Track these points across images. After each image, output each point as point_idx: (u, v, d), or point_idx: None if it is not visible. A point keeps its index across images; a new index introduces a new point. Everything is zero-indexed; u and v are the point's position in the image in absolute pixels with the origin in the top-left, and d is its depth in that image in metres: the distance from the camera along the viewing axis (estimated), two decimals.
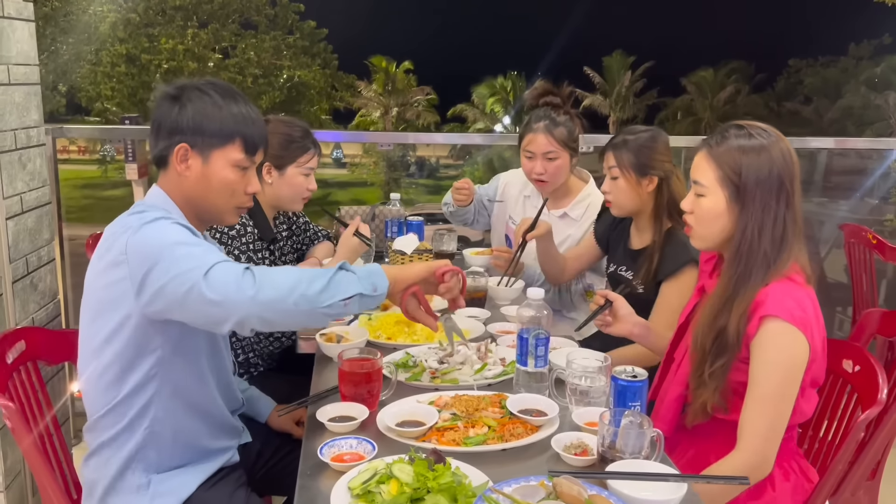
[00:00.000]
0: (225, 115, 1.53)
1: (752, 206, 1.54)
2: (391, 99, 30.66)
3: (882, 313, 2.20)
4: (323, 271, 1.41)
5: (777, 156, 1.54)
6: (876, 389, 1.68)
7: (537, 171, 2.59)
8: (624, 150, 2.19)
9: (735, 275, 1.57)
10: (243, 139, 1.55)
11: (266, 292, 1.36)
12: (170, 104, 1.53)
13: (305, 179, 2.29)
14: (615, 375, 1.47)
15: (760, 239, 1.54)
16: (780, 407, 1.51)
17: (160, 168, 1.57)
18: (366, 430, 1.50)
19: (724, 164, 1.56)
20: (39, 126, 2.39)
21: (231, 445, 1.71)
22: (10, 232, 2.19)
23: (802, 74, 31.05)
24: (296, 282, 1.38)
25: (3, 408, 1.56)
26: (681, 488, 1.25)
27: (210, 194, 1.56)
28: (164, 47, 24.47)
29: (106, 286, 1.47)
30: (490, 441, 1.45)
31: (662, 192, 2.19)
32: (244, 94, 1.60)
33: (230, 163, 1.54)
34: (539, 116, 2.60)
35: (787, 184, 1.54)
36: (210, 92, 1.54)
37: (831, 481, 1.63)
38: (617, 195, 2.22)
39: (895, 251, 3.12)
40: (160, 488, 1.55)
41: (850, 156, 7.95)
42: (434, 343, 1.93)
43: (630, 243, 2.34)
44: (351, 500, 1.25)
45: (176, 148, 1.52)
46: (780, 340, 1.49)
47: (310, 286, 1.37)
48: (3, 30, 2.15)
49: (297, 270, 1.43)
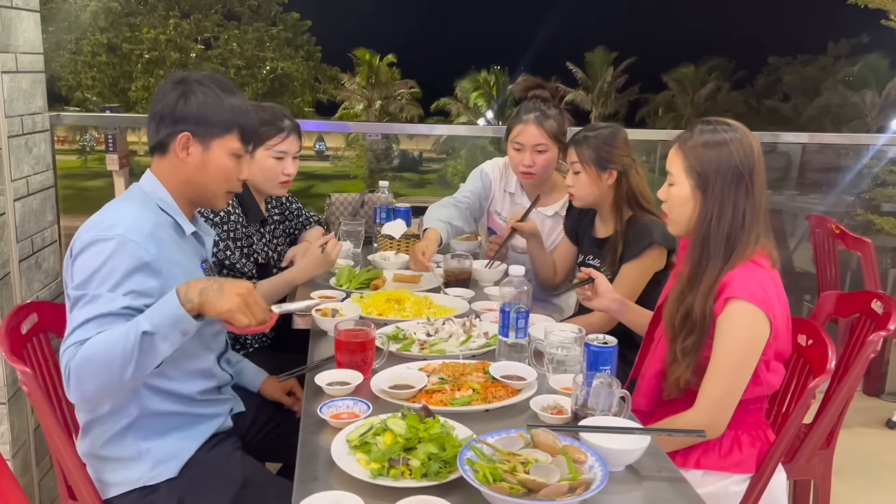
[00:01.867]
0: (225, 107, 1.66)
1: (712, 195, 1.69)
2: (374, 92, 30.68)
3: (838, 295, 2.37)
4: (127, 344, 1.41)
5: (738, 149, 1.68)
6: (825, 360, 1.84)
7: (525, 164, 2.61)
8: (585, 146, 2.34)
9: (696, 257, 1.72)
10: (241, 129, 1.69)
11: (88, 391, 1.46)
12: (173, 95, 1.65)
13: (277, 163, 2.31)
14: (588, 342, 1.62)
15: (720, 224, 1.68)
16: (735, 378, 1.66)
17: (158, 154, 1.69)
18: (360, 393, 1.63)
19: (689, 157, 1.72)
20: (44, 112, 2.49)
21: (221, 412, 1.81)
22: (18, 213, 2.29)
23: (782, 72, 31.48)
24: (107, 374, 1.43)
25: (20, 373, 1.67)
26: (644, 440, 1.40)
27: (207, 180, 1.69)
28: (146, 37, 24.27)
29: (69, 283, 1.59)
30: (474, 402, 1.59)
31: (622, 185, 2.35)
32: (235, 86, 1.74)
33: (228, 151, 1.68)
34: (530, 108, 2.63)
35: (745, 175, 1.68)
36: (211, 85, 1.67)
37: (784, 443, 1.78)
38: (579, 188, 2.37)
39: (857, 240, 3.30)
40: (159, 454, 1.65)
41: (827, 152, 8.15)
42: (422, 318, 2.07)
43: (595, 232, 2.49)
44: (349, 450, 1.38)
45: (179, 136, 1.64)
46: (741, 319, 1.64)
47: (121, 373, 1.42)
48: (10, 20, 2.25)
49: (105, 353, 1.43)
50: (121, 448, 1.65)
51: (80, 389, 1.46)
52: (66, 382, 1.46)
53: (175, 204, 1.69)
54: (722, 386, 1.65)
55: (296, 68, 26.09)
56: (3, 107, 2.20)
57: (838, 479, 2.27)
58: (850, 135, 9.03)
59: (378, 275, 2.40)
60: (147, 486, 1.63)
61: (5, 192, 2.22)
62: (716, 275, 1.68)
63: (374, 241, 2.94)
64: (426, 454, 1.31)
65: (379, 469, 1.31)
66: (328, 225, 3.18)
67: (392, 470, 1.31)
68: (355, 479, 1.31)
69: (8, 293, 2.23)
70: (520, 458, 1.29)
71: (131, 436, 1.64)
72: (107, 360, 1.43)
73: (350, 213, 3.22)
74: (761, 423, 1.80)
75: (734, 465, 1.71)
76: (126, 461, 1.65)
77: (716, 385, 1.65)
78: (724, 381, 1.65)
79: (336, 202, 3.24)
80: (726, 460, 1.71)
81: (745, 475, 1.73)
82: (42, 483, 2.46)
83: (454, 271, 2.46)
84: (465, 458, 1.29)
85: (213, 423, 1.77)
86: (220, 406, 1.81)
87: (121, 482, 1.64)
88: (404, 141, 26.00)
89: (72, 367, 1.45)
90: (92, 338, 1.45)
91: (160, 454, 1.66)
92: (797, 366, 2.02)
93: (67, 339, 1.48)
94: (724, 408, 1.67)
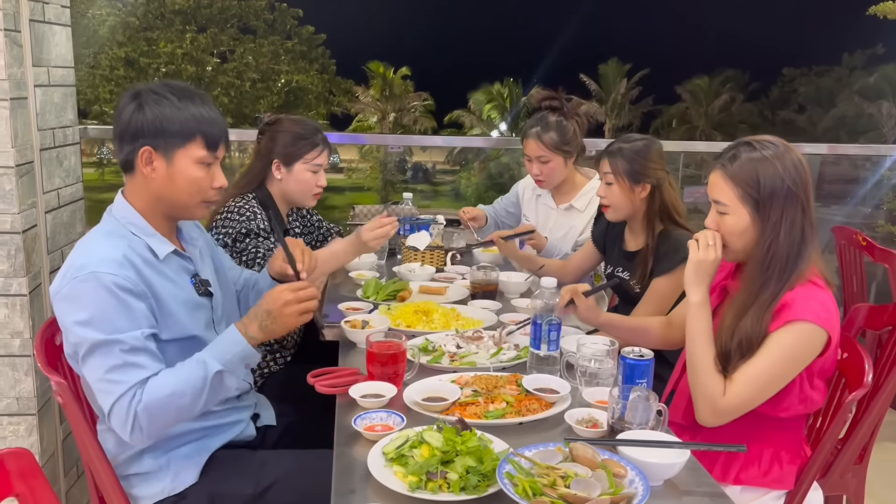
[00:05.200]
0: (184, 116, 1.58)
1: (770, 219, 1.63)
2: (388, 104, 30.80)
3: (869, 308, 2.34)
4: (197, 383, 1.51)
5: (787, 167, 1.63)
6: (862, 374, 1.82)
7: (534, 172, 2.83)
8: (619, 158, 2.31)
9: (758, 282, 1.65)
10: (204, 136, 1.60)
11: (155, 433, 1.53)
12: (129, 110, 1.57)
13: (313, 176, 2.40)
14: (624, 355, 1.60)
15: (780, 247, 1.62)
16: (767, 387, 1.61)
17: (128, 173, 1.62)
18: (393, 406, 1.63)
19: (741, 182, 1.64)
20: (74, 125, 2.52)
21: (242, 418, 1.81)
22: (49, 225, 2.31)
23: (796, 83, 31.34)
24: (178, 413, 1.53)
25: (55, 384, 1.68)
26: (684, 454, 1.38)
27: (177, 192, 1.61)
28: (163, 51, 24.58)
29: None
30: (508, 415, 1.58)
31: (655, 198, 2.32)
32: (202, 93, 1.65)
33: (194, 160, 1.60)
34: (532, 123, 2.80)
35: (800, 192, 1.63)
36: (167, 94, 1.58)
37: (821, 458, 1.76)
38: (612, 200, 2.35)
39: (884, 252, 3.27)
40: (177, 467, 1.66)
41: (843, 163, 8.12)
42: (451, 330, 2.06)
43: (625, 245, 2.47)
44: (386, 463, 1.38)
45: (140, 151, 1.57)
46: (801, 337, 1.59)
47: (191, 410, 1.54)
48: (44, 34, 2.28)
49: (179, 395, 1.50)
50: (140, 465, 1.66)
51: (150, 429, 1.50)
52: (128, 426, 1.48)
53: (148, 225, 1.62)
54: (752, 389, 1.60)
55: (310, 81, 26.30)
56: (36, 120, 2.22)
57: (868, 495, 2.24)
58: (869, 146, 8.97)
59: (404, 286, 2.41)
60: (172, 495, 1.65)
61: (37, 205, 2.24)
62: (773, 296, 1.62)
63: (399, 252, 2.94)
64: (464, 467, 1.31)
65: (417, 482, 1.31)
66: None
67: (430, 483, 1.30)
68: (393, 491, 1.30)
69: (39, 304, 2.25)
70: (559, 472, 1.28)
71: (148, 454, 1.66)
72: (177, 401, 1.50)
73: None
74: (801, 439, 1.77)
75: (773, 481, 1.69)
76: (147, 476, 1.66)
77: (748, 386, 1.60)
78: (756, 386, 1.61)
79: (360, 213, 3.25)
80: (766, 476, 1.69)
81: (782, 491, 1.71)
82: (69, 494, 2.47)
83: (480, 283, 2.46)
84: (504, 472, 1.28)
85: (233, 430, 1.77)
86: (240, 413, 1.81)
87: (147, 495, 1.66)
88: (417, 153, 26.08)
89: (138, 411, 1.47)
90: (150, 381, 1.49)
91: (178, 466, 1.67)
92: (832, 380, 1.99)
93: (111, 386, 1.48)
94: (745, 409, 1.62)
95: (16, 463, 1.25)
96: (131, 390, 1.47)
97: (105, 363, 1.48)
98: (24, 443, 2.23)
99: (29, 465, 1.26)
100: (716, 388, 1.62)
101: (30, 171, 2.20)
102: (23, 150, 2.15)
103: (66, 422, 2.39)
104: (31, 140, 2.20)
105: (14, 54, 2.10)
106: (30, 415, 2.23)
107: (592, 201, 2.82)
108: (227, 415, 1.77)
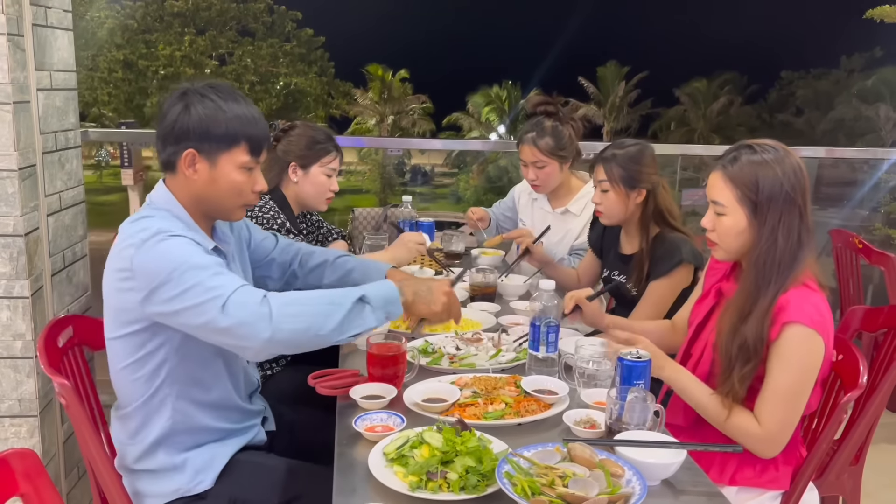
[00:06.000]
0: (229, 118, 1.58)
1: (768, 222, 1.64)
2: (387, 107, 30.85)
3: (865, 310, 2.36)
4: (339, 301, 1.50)
5: (787, 172, 1.64)
6: (857, 375, 1.84)
7: (530, 178, 2.86)
8: (613, 164, 2.32)
9: (752, 284, 1.67)
10: (248, 141, 1.60)
11: (281, 334, 1.45)
12: (176, 111, 1.58)
13: (328, 180, 2.49)
14: (621, 356, 1.62)
15: (777, 250, 1.64)
16: (797, 400, 1.63)
17: (168, 172, 1.64)
18: (394, 407, 1.64)
19: (740, 184, 1.66)
20: (76, 129, 2.54)
21: (253, 424, 1.82)
22: (51, 228, 2.33)
23: (794, 86, 31.41)
24: (311, 319, 1.47)
25: (59, 385, 1.69)
26: (680, 454, 1.40)
27: (218, 195, 1.62)
28: (162, 53, 24.62)
29: (116, 291, 1.56)
30: (507, 416, 1.60)
31: (649, 203, 2.33)
32: (243, 94, 1.66)
33: (237, 165, 1.61)
34: (527, 129, 2.83)
35: (798, 197, 1.65)
36: (212, 96, 1.58)
37: (817, 459, 1.78)
38: (607, 206, 2.36)
39: (880, 255, 3.29)
40: (197, 464, 1.66)
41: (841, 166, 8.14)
42: (450, 332, 2.08)
43: (621, 248, 2.49)
44: (386, 463, 1.39)
45: (184, 154, 1.58)
46: (801, 344, 1.60)
47: (324, 324, 1.48)
48: (46, 38, 2.30)
49: (316, 301, 1.50)
50: (153, 460, 1.66)
51: (279, 316, 1.45)
52: (257, 297, 1.45)
53: (192, 221, 1.63)
54: (783, 409, 1.63)
55: (309, 84, 26.36)
56: (38, 123, 2.24)
57: (864, 496, 2.25)
58: (866, 149, 9.00)
59: None
60: (189, 496, 1.64)
61: (39, 208, 2.26)
62: (771, 300, 1.64)
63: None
64: (464, 467, 1.32)
65: (417, 482, 1.32)
66: (352, 239, 3.21)
67: (430, 483, 1.32)
68: (394, 491, 1.32)
69: (41, 307, 2.27)
70: (557, 472, 1.30)
71: (164, 450, 1.66)
72: (313, 308, 1.49)
73: (373, 227, 3.25)
74: (796, 440, 1.79)
75: (769, 481, 1.71)
76: (159, 473, 1.66)
77: (778, 408, 1.62)
78: (785, 404, 1.62)
79: (360, 216, 3.27)
80: (762, 477, 1.71)
81: (778, 491, 1.72)
82: (71, 495, 2.48)
83: (479, 285, 2.48)
84: (503, 472, 1.29)
85: (248, 435, 1.78)
86: (255, 418, 1.83)
87: (157, 493, 1.66)
88: (416, 155, 26.12)
89: (273, 306, 1.45)
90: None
91: (196, 466, 1.66)
92: (827, 381, 2.01)
93: (224, 279, 1.47)
94: (787, 428, 1.64)
95: (21, 463, 1.26)
96: (265, 295, 1.47)
97: (208, 272, 1.48)
98: (26, 444, 2.24)
99: (34, 465, 1.28)
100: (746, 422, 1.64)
101: (32, 174, 2.21)
102: (25, 153, 2.16)
103: (67, 423, 2.40)
104: (33, 143, 2.21)
105: (17, 58, 2.11)
106: (31, 416, 2.25)
107: (588, 205, 2.84)
108: (243, 419, 1.78)
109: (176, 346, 1.59)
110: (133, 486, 1.69)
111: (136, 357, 1.60)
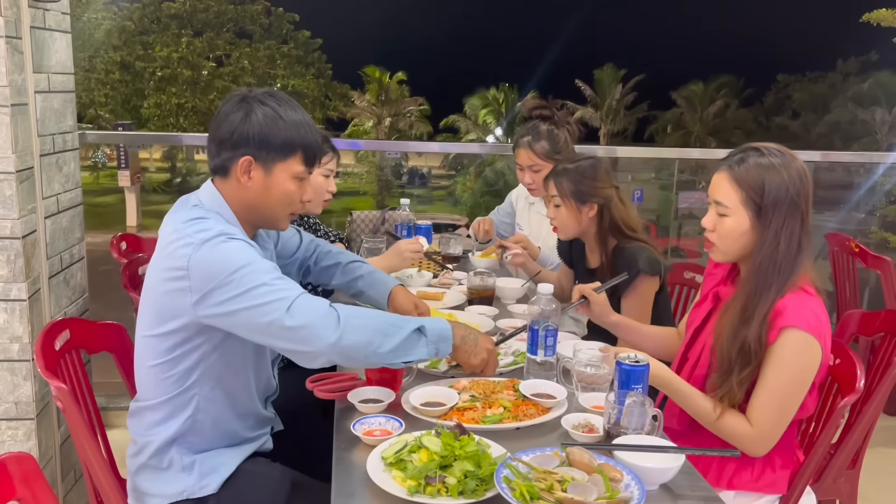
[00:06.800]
0: (288, 127, 1.59)
1: (771, 226, 1.64)
2: (384, 109, 30.84)
3: (861, 314, 2.37)
4: (399, 325, 1.55)
5: (794, 176, 1.64)
6: (854, 379, 1.84)
7: (526, 182, 2.88)
8: (564, 179, 2.32)
9: (752, 288, 1.67)
10: (304, 152, 1.62)
11: (346, 341, 1.49)
12: (236, 117, 1.57)
13: (325, 181, 2.47)
14: (620, 361, 1.62)
15: (778, 254, 1.64)
16: (790, 403, 1.64)
17: (219, 176, 1.63)
18: (392, 411, 1.64)
19: (746, 186, 1.65)
20: (74, 132, 2.54)
21: (264, 433, 1.82)
22: (48, 230, 2.32)
23: (791, 89, 31.51)
24: (372, 334, 1.52)
25: (56, 389, 1.69)
26: (679, 458, 1.40)
27: (270, 203, 1.63)
28: (159, 55, 24.58)
29: (166, 292, 1.54)
30: (506, 420, 1.60)
31: (604, 217, 2.32)
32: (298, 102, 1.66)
33: (291, 175, 1.61)
34: (523, 133, 2.84)
35: (802, 203, 1.65)
36: (272, 104, 1.59)
37: (814, 463, 1.78)
38: (560, 221, 2.36)
39: (876, 259, 3.30)
40: (204, 467, 1.65)
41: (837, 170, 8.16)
42: None
43: (587, 262, 2.48)
44: (385, 467, 1.39)
45: (240, 160, 1.57)
46: (798, 348, 1.61)
47: (383, 343, 1.52)
48: (44, 41, 2.30)
49: (377, 319, 1.56)
50: (163, 458, 1.64)
51: (346, 321, 1.50)
52: (325, 327, 1.48)
53: (240, 226, 1.63)
54: (777, 411, 1.63)
55: (306, 86, 26.33)
56: (36, 126, 2.24)
57: (862, 499, 2.26)
58: (862, 153, 9.02)
59: None
60: (190, 499, 1.63)
61: (37, 210, 2.26)
62: (770, 304, 1.64)
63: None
64: (462, 472, 1.32)
65: (415, 486, 1.32)
66: (349, 242, 3.21)
67: (428, 487, 1.32)
68: (392, 495, 1.32)
69: (38, 309, 2.26)
70: (556, 477, 1.30)
71: (177, 448, 1.64)
72: (376, 325, 1.54)
73: (371, 230, 3.25)
74: (793, 444, 1.79)
75: (766, 485, 1.71)
76: (166, 471, 1.64)
77: (772, 409, 1.63)
78: (779, 407, 1.63)
79: (357, 219, 3.27)
80: (759, 481, 1.71)
81: (775, 495, 1.73)
82: (67, 498, 2.48)
83: (477, 288, 2.48)
84: (501, 476, 1.29)
85: (257, 443, 1.77)
86: (266, 426, 1.82)
87: (161, 493, 1.63)
88: (413, 157, 26.09)
89: (342, 313, 1.50)
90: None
91: (205, 469, 1.65)
92: (824, 385, 2.01)
93: (286, 283, 1.51)
94: (779, 429, 1.65)
95: (18, 467, 1.26)
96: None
97: (271, 275, 1.51)
98: (23, 447, 2.24)
99: (31, 469, 1.27)
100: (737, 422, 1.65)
101: (30, 176, 2.21)
102: (23, 155, 2.16)
103: (63, 426, 2.40)
104: (31, 146, 2.21)
105: (15, 61, 2.11)
106: (28, 419, 2.24)
107: None
108: (257, 426, 1.78)
109: (213, 349, 1.59)
110: (137, 484, 1.67)
111: (170, 357, 1.59)
